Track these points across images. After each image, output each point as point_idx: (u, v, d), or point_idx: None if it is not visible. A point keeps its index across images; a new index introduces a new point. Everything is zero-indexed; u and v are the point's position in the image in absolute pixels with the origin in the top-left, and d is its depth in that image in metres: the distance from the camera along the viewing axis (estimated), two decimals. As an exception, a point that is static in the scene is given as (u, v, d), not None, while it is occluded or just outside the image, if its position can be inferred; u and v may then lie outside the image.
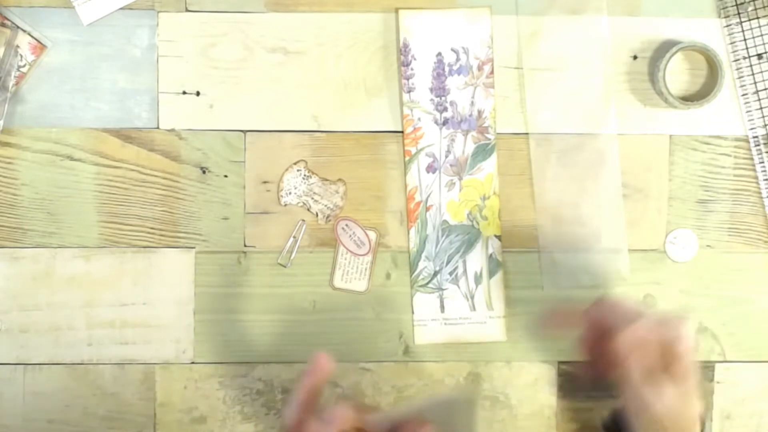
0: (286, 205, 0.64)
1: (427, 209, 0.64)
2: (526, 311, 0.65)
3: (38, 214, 0.64)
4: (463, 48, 0.63)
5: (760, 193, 0.65)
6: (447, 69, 0.63)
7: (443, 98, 0.63)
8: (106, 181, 0.64)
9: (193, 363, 0.65)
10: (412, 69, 0.63)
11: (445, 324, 0.65)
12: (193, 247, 0.64)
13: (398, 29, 0.63)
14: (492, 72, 0.64)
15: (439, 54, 0.63)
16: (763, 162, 0.65)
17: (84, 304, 0.64)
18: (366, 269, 0.65)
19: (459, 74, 0.63)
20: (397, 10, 0.63)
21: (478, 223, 0.64)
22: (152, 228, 0.64)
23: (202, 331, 0.65)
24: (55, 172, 0.64)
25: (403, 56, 0.63)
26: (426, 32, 0.63)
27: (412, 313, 0.65)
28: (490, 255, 0.65)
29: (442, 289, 0.65)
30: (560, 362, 0.65)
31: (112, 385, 0.65)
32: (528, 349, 0.65)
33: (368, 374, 0.65)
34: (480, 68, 0.64)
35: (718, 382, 0.65)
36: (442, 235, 0.64)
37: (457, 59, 0.63)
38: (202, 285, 0.64)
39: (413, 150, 0.64)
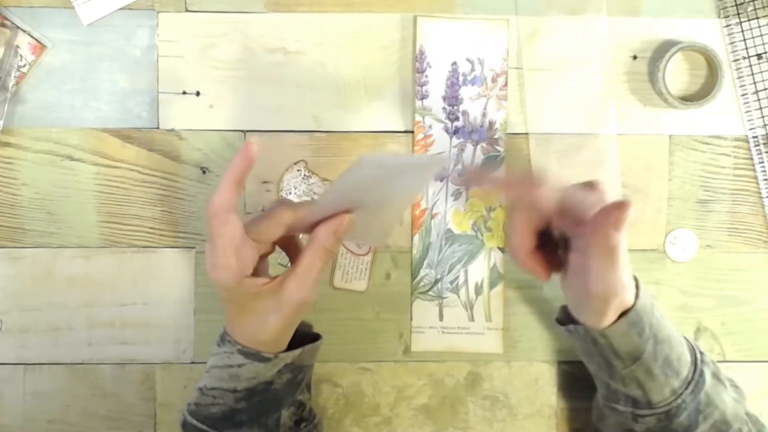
0: (286, 205, 0.64)
1: (433, 217, 0.64)
2: (524, 311, 0.65)
3: (38, 214, 0.64)
4: (479, 59, 0.63)
5: (759, 193, 0.65)
6: (461, 78, 0.63)
7: (455, 107, 0.63)
8: (106, 181, 0.64)
9: (193, 363, 0.65)
10: (426, 76, 0.63)
11: (443, 332, 0.65)
12: (193, 247, 0.64)
13: (415, 36, 0.63)
14: (506, 84, 0.64)
15: (455, 63, 0.63)
16: (762, 162, 0.65)
17: (84, 304, 0.64)
18: (366, 269, 0.65)
19: (473, 84, 0.63)
20: (415, 18, 0.63)
21: (482, 234, 0.64)
22: (152, 228, 0.64)
23: (202, 331, 0.65)
24: (55, 172, 0.64)
25: (418, 63, 0.63)
26: (443, 40, 0.63)
27: (411, 319, 0.65)
28: (492, 266, 0.65)
29: (442, 298, 0.65)
30: (560, 362, 0.65)
31: (112, 385, 0.65)
32: (528, 349, 0.65)
33: (368, 374, 0.65)
34: (494, 80, 0.64)
35: (717, 382, 0.65)
36: (446, 244, 0.64)
37: (472, 69, 0.63)
38: (202, 285, 0.64)
39: None
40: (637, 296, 0.52)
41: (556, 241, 0.56)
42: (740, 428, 0.55)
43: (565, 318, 0.58)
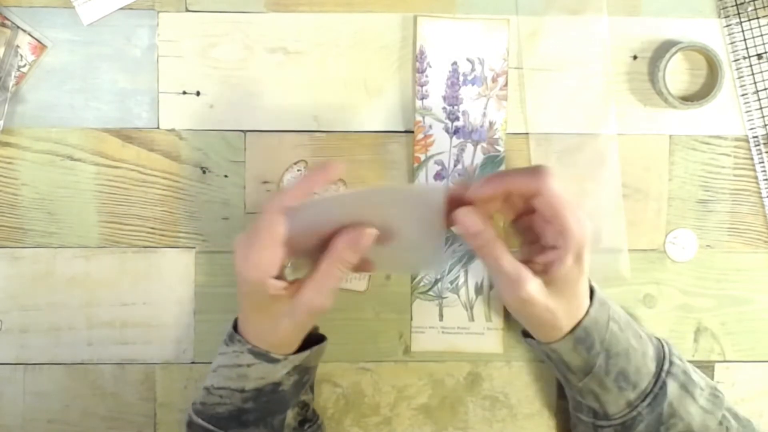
0: (286, 205, 0.64)
1: (433, 217, 0.64)
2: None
3: (38, 214, 0.64)
4: (479, 59, 0.63)
5: (760, 193, 0.65)
6: (461, 78, 0.63)
7: (455, 107, 0.63)
8: (106, 181, 0.64)
9: (193, 363, 0.65)
10: (426, 76, 0.63)
11: (443, 332, 0.65)
12: (193, 247, 0.64)
13: (415, 36, 0.63)
14: (506, 84, 0.64)
15: (455, 63, 0.63)
16: (762, 162, 0.65)
17: (84, 304, 0.64)
18: (366, 269, 0.65)
19: (473, 84, 0.63)
20: (415, 18, 0.63)
21: None
22: (152, 228, 0.64)
23: (202, 331, 0.65)
24: (55, 172, 0.64)
25: (418, 63, 0.63)
26: (443, 40, 0.63)
27: (411, 319, 0.65)
28: None
29: (442, 298, 0.65)
30: (560, 362, 0.65)
31: (112, 385, 0.65)
32: (528, 349, 0.65)
33: (368, 374, 0.65)
34: (494, 80, 0.63)
35: (717, 382, 0.65)
36: (446, 244, 0.64)
37: (472, 69, 0.63)
38: (202, 285, 0.64)
39: (422, 157, 0.64)
40: (587, 313, 0.53)
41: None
42: None
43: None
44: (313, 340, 0.57)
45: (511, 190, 0.51)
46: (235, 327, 0.56)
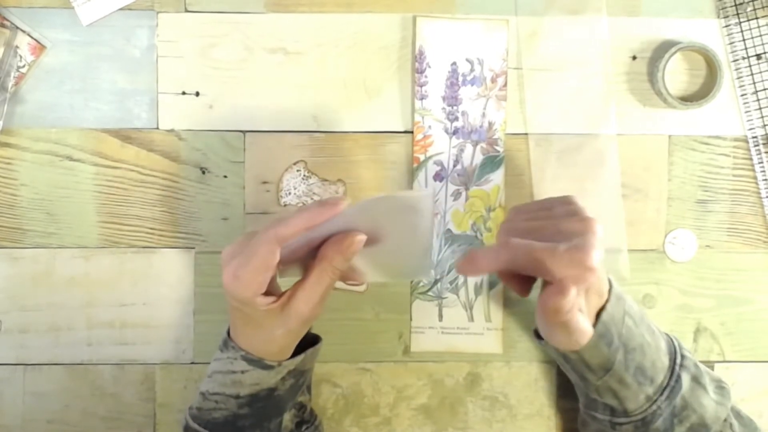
0: (285, 205, 0.64)
1: (432, 217, 0.64)
2: (524, 311, 0.65)
3: (38, 214, 0.64)
4: (478, 59, 0.63)
5: (759, 193, 0.65)
6: (461, 79, 0.63)
7: (455, 108, 0.63)
8: (105, 182, 0.64)
9: (193, 363, 0.65)
10: (426, 77, 0.63)
11: (443, 333, 0.65)
12: (193, 247, 0.64)
13: (414, 36, 0.63)
14: (505, 84, 0.64)
15: (454, 63, 0.63)
16: (762, 162, 0.65)
17: (84, 304, 0.64)
18: (366, 269, 0.65)
19: (472, 85, 0.63)
20: (414, 18, 0.63)
21: (481, 234, 0.64)
22: (152, 228, 0.64)
23: (201, 331, 0.65)
24: (54, 172, 0.64)
25: (418, 63, 0.63)
26: (442, 41, 0.63)
27: (411, 319, 0.65)
28: None
29: (442, 298, 0.65)
30: (560, 362, 0.65)
31: (112, 385, 0.65)
32: (527, 349, 0.65)
33: (368, 374, 0.65)
34: (494, 80, 0.64)
35: (717, 382, 0.65)
36: (445, 244, 0.64)
37: (472, 70, 0.63)
38: (202, 285, 0.64)
39: (422, 157, 0.64)
40: (603, 308, 0.53)
41: None
42: (721, 431, 0.55)
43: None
44: (308, 341, 0.57)
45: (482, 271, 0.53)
46: (229, 332, 0.56)
